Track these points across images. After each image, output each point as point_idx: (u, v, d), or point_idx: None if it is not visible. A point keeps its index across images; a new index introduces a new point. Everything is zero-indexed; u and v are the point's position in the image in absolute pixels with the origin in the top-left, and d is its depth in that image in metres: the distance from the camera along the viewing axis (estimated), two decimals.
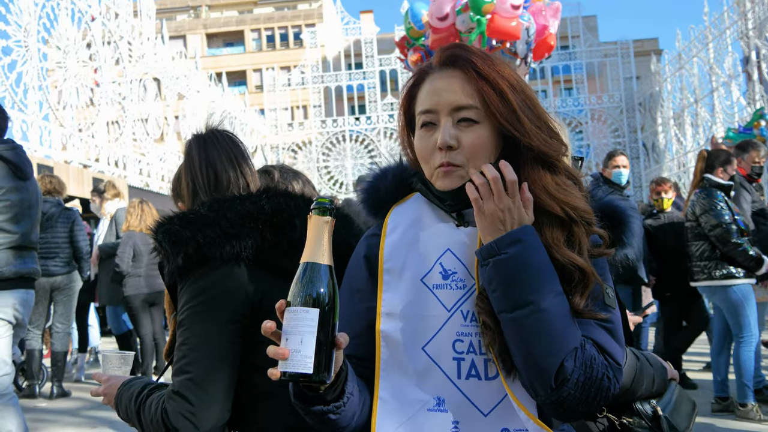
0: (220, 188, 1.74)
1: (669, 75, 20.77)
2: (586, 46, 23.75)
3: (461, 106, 1.26)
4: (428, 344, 1.23)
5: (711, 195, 4.87)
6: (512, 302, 1.16)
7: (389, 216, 1.38)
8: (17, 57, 10.79)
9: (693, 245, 5.01)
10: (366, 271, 1.36)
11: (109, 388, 1.72)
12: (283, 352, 1.03)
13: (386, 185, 1.43)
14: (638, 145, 22.76)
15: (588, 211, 1.27)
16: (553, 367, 1.15)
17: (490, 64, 1.28)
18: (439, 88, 1.29)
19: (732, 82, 16.49)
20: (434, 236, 1.31)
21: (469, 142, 1.26)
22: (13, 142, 3.66)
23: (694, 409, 1.68)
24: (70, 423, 5.25)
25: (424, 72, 1.35)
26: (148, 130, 14.99)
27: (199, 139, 1.81)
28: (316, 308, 1.05)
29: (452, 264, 1.28)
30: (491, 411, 1.21)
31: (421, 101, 1.32)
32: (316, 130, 23.77)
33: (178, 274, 1.56)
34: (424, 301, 1.26)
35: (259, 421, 1.52)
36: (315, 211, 1.11)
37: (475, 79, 1.26)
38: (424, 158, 1.31)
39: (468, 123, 1.26)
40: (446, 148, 1.26)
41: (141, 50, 15.03)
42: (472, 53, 1.29)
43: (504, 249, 1.16)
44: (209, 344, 1.48)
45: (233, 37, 42.12)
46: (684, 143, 18.84)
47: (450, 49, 1.32)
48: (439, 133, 1.27)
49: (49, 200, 6.05)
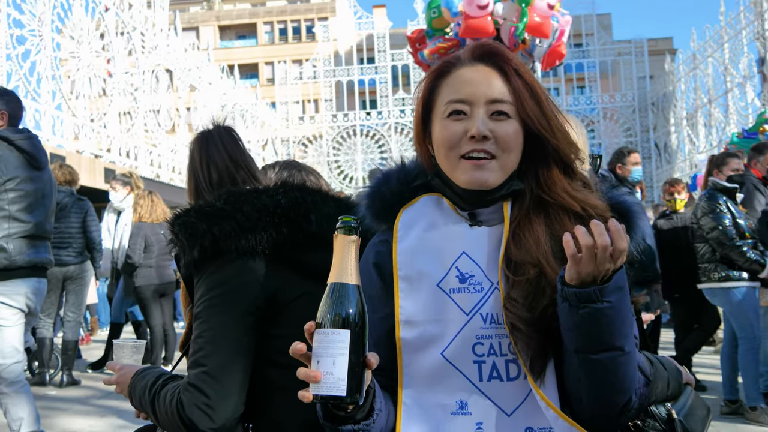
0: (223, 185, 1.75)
1: (683, 75, 20.63)
2: (600, 44, 23.62)
3: (497, 99, 1.27)
4: (447, 349, 1.22)
5: (712, 198, 4.89)
6: (601, 346, 1.14)
7: (399, 221, 1.35)
8: (31, 46, 10.87)
9: (697, 247, 5.05)
10: (378, 279, 1.34)
11: (123, 377, 1.72)
12: (315, 374, 1.01)
13: (391, 189, 1.40)
14: (650, 145, 22.65)
15: (605, 209, 1.29)
16: (622, 403, 1.21)
17: (523, 66, 1.31)
18: (475, 80, 1.29)
19: (747, 83, 16.36)
20: (448, 239, 1.30)
21: (503, 134, 1.27)
22: (29, 132, 3.68)
23: (709, 415, 1.67)
24: (80, 411, 5.29)
25: (450, 64, 1.34)
26: (159, 121, 15.06)
27: (201, 138, 1.83)
28: (347, 329, 1.03)
29: (468, 267, 1.27)
30: (515, 411, 1.21)
31: (451, 91, 1.30)
32: (326, 124, 23.79)
33: (194, 267, 1.57)
34: (442, 307, 1.24)
35: (274, 415, 1.53)
36: (340, 231, 1.08)
37: (513, 76, 1.28)
38: (450, 145, 1.28)
39: (502, 116, 1.27)
40: (482, 138, 1.25)
41: (154, 41, 15.08)
42: (509, 52, 1.32)
43: (607, 297, 1.11)
44: (225, 337, 1.49)
45: (246, 29, 42.17)
46: (696, 144, 18.72)
47: (487, 45, 1.33)
48: (471, 123, 1.26)
49: (63, 190, 6.09)
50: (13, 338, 3.52)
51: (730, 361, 5.07)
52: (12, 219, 3.48)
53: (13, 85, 10.30)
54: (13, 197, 3.48)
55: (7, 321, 3.49)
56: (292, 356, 1.06)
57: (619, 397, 1.20)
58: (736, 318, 4.82)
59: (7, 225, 3.46)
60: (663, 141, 22.06)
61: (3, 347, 3.47)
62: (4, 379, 3.45)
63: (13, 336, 3.52)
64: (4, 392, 3.47)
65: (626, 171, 5.35)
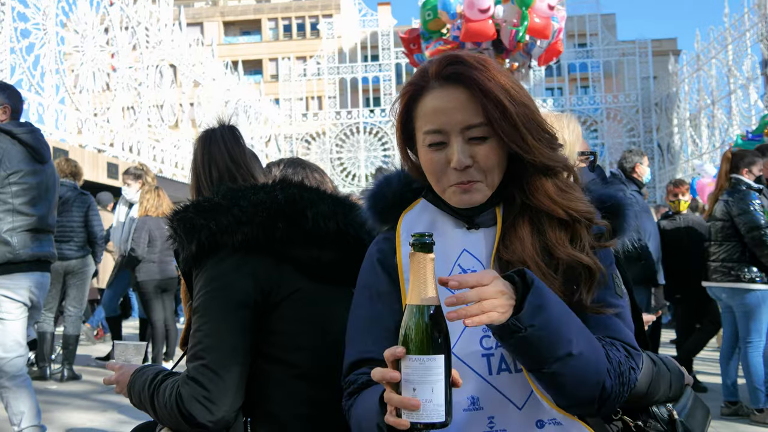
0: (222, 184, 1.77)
1: (687, 76, 20.59)
2: (604, 44, 23.57)
3: (471, 125, 1.27)
4: (456, 345, 1.23)
5: (747, 196, 4.72)
6: (547, 361, 1.14)
7: (401, 224, 1.39)
8: (35, 40, 10.87)
9: (721, 245, 4.85)
10: (384, 274, 1.37)
11: (122, 376, 1.75)
12: (416, 403, 0.99)
13: (392, 192, 1.43)
14: (653, 146, 22.61)
15: (589, 211, 1.32)
16: (595, 395, 1.20)
17: (490, 76, 1.26)
18: (446, 108, 1.27)
19: (750, 85, 16.34)
20: (449, 240, 1.33)
21: (483, 157, 1.28)
22: (32, 125, 3.68)
23: (708, 416, 1.68)
24: (80, 406, 5.30)
25: (420, 87, 1.32)
26: (163, 116, 15.06)
27: (203, 137, 1.86)
28: (441, 354, 1.01)
29: (470, 263, 1.31)
30: (525, 403, 1.22)
31: (426, 120, 1.30)
32: (330, 121, 23.80)
33: (192, 261, 1.59)
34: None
35: (269, 408, 1.54)
36: (417, 248, 1.04)
37: (480, 97, 1.25)
38: (436, 176, 1.31)
39: (479, 140, 1.27)
40: (464, 168, 1.26)
41: (158, 36, 15.08)
42: (473, 68, 1.27)
43: (527, 323, 1.09)
44: (224, 330, 1.50)
45: (250, 25, 42.15)
46: (699, 145, 18.70)
47: (450, 65, 1.29)
48: (451, 152, 1.27)
49: (66, 184, 6.09)
50: (15, 332, 3.52)
51: (730, 363, 5.06)
52: (16, 212, 3.48)
53: (17, 79, 10.30)
54: (16, 191, 3.48)
55: (10, 315, 3.49)
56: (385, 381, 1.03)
57: (590, 393, 1.19)
58: (754, 320, 4.74)
59: (11, 218, 3.46)
60: (666, 142, 22.04)
61: (5, 341, 3.47)
62: (5, 373, 3.46)
63: (16, 330, 3.53)
64: (6, 386, 3.47)
65: (644, 171, 5.44)
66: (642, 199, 5.49)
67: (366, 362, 1.31)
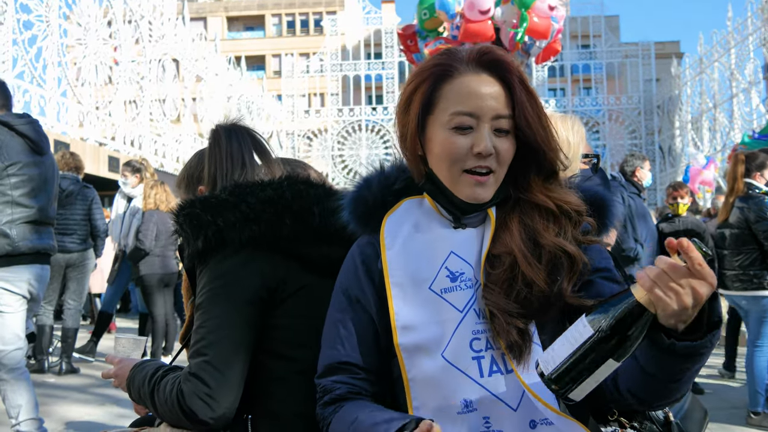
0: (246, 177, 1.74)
1: (689, 79, 20.57)
2: (607, 45, 23.54)
3: (502, 115, 1.27)
4: (446, 349, 1.23)
5: (762, 203, 4.71)
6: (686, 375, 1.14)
7: (384, 228, 1.36)
8: (38, 32, 10.85)
9: (740, 252, 4.82)
10: (366, 279, 1.36)
11: (121, 370, 1.73)
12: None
13: (373, 195, 1.40)
14: (654, 148, 22.58)
15: (579, 204, 1.35)
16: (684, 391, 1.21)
17: (524, 75, 1.30)
18: (482, 93, 1.27)
19: (752, 89, 16.31)
20: (435, 242, 1.32)
21: (504, 151, 1.29)
22: (30, 117, 3.66)
23: (706, 417, 1.68)
24: (78, 399, 5.30)
25: (452, 68, 1.29)
26: (165, 110, 15.05)
27: (228, 129, 1.80)
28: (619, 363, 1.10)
29: (458, 265, 1.29)
30: (519, 404, 1.21)
31: (458, 101, 1.28)
32: (332, 118, 23.77)
33: (197, 257, 1.58)
34: (437, 308, 1.26)
35: (270, 405, 1.53)
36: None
37: (519, 90, 1.27)
38: (453, 159, 1.28)
39: (503, 133, 1.29)
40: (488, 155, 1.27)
41: (161, 30, 15.06)
42: (513, 62, 1.30)
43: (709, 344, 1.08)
44: (227, 327, 1.49)
45: (254, 21, 42.10)
46: (701, 148, 18.67)
47: (491, 53, 1.29)
48: (477, 138, 1.27)
49: (69, 177, 6.09)
50: (15, 325, 3.52)
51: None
52: (15, 204, 3.47)
53: (19, 71, 10.30)
54: (15, 182, 3.47)
55: (10, 307, 3.49)
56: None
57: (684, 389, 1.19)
58: (764, 324, 4.76)
59: (10, 210, 3.46)
60: (667, 144, 22.01)
61: (4, 333, 3.47)
62: (4, 366, 3.46)
63: (15, 322, 3.53)
64: (4, 379, 3.47)
65: (644, 175, 5.50)
66: (640, 202, 5.49)
67: (342, 366, 1.33)
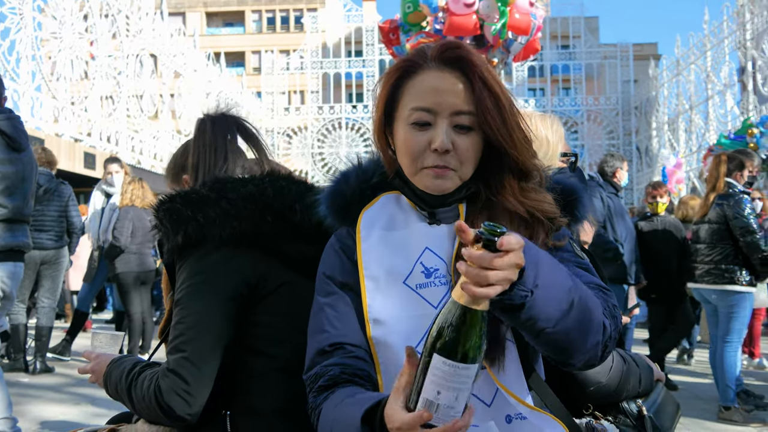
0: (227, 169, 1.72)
1: (666, 80, 20.86)
2: (587, 46, 23.77)
3: (461, 111, 1.25)
4: (420, 344, 1.21)
5: (741, 201, 4.82)
6: (555, 318, 1.10)
7: (361, 221, 1.35)
8: (11, 24, 10.66)
9: (715, 247, 4.91)
10: (350, 264, 1.35)
11: (98, 366, 1.72)
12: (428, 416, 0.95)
13: (351, 189, 1.39)
14: (632, 149, 22.86)
15: (554, 211, 1.31)
16: (599, 339, 1.19)
17: (488, 71, 1.27)
18: (442, 89, 1.26)
19: (727, 91, 16.62)
20: (410, 237, 1.31)
21: (464, 148, 1.26)
22: (11, 112, 3.61)
23: (678, 411, 1.72)
24: (53, 399, 5.23)
25: (416, 64, 1.29)
26: (142, 106, 14.89)
27: (214, 119, 1.78)
28: (475, 364, 0.95)
29: (433, 261, 1.28)
30: (493, 400, 1.22)
31: (417, 97, 1.27)
32: (312, 116, 23.70)
33: (177, 253, 1.57)
34: (411, 303, 1.26)
35: (251, 401, 1.53)
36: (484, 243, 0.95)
37: (480, 87, 1.24)
38: (413, 156, 1.28)
39: (464, 129, 1.26)
40: (444, 151, 1.25)
41: (139, 25, 14.90)
42: (476, 57, 1.27)
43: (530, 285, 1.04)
44: (206, 323, 1.48)
45: (233, 17, 41.79)
46: (677, 149, 18.94)
47: (454, 49, 1.28)
48: (434, 134, 1.25)
49: (44, 173, 5.99)
50: None
51: None
52: None
53: None
54: None
55: None
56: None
57: (595, 336, 1.17)
58: (736, 321, 4.84)
59: None
60: (644, 145, 22.29)
61: None
62: None
63: None
64: None
65: (623, 176, 5.62)
66: (618, 202, 5.57)
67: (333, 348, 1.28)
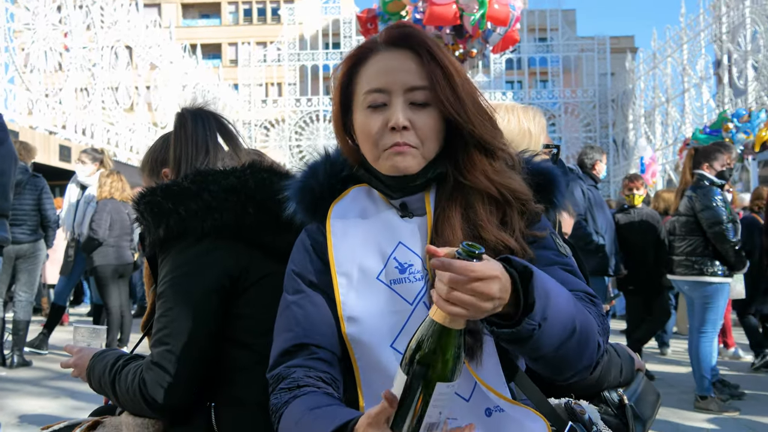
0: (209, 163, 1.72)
1: (643, 73, 21.07)
2: (564, 39, 23.91)
3: (415, 86, 1.24)
4: (396, 341, 1.21)
5: (710, 192, 4.86)
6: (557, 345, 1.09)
7: (330, 216, 1.32)
8: None
9: (684, 239, 4.99)
10: (319, 262, 1.32)
11: (81, 360, 1.71)
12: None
13: (320, 183, 1.37)
14: (608, 141, 23.09)
15: (525, 192, 1.28)
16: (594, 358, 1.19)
17: (437, 46, 1.26)
18: (393, 68, 1.24)
19: (703, 84, 16.83)
20: (382, 231, 1.28)
21: (422, 124, 1.24)
22: None
23: (658, 399, 1.75)
24: (31, 393, 5.17)
25: (367, 50, 1.29)
26: (118, 99, 14.66)
27: (194, 113, 1.78)
28: (455, 382, 0.95)
29: (407, 257, 1.25)
30: (471, 395, 1.20)
31: (369, 80, 1.26)
32: (290, 108, 23.57)
33: (159, 246, 1.56)
34: (385, 299, 1.23)
35: (236, 393, 1.53)
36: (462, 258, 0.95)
37: (428, 61, 1.23)
38: (372, 139, 1.26)
39: (420, 105, 1.24)
40: (401, 129, 1.23)
41: (114, 16, 14.65)
42: (425, 35, 1.27)
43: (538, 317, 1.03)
44: (189, 316, 1.48)
45: (210, 8, 41.32)
46: (653, 141, 19.18)
47: (402, 28, 1.28)
48: (390, 113, 1.23)
49: (18, 166, 5.89)
50: None
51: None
52: None
53: None
54: None
55: None
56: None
57: (590, 356, 1.18)
58: (710, 311, 4.90)
59: None
60: (621, 137, 22.52)
61: None
62: None
63: None
64: None
65: (602, 168, 5.72)
66: (598, 194, 5.64)
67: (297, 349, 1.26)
